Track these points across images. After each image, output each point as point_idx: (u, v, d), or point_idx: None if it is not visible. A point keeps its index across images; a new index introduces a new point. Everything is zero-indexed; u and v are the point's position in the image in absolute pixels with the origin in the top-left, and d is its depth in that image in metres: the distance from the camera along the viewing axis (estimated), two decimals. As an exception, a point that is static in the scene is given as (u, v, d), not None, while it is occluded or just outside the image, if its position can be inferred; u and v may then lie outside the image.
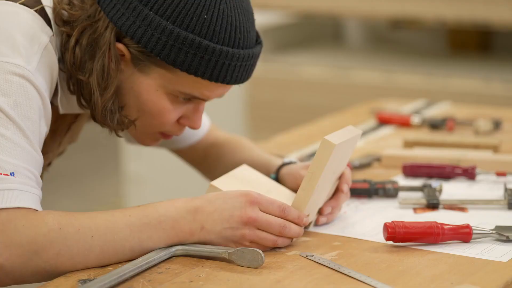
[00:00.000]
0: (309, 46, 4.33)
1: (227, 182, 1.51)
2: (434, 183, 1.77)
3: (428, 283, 1.32)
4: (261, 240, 1.42)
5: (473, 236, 1.47)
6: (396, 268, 1.38)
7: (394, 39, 4.42)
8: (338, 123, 2.31)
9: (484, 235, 1.48)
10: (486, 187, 1.80)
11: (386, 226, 1.46)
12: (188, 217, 1.39)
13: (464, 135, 2.24)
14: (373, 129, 2.31)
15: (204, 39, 1.43)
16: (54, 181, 4.16)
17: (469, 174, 1.84)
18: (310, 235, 1.52)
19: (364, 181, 1.73)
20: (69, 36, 1.46)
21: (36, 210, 1.34)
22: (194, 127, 1.55)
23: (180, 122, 1.55)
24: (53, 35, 1.45)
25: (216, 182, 1.50)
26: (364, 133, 2.23)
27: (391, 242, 1.46)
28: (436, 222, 1.47)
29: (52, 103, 1.48)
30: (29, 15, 1.43)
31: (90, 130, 1.77)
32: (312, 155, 2.01)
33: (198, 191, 1.59)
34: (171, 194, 2.50)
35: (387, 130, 2.31)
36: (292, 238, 1.46)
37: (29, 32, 1.41)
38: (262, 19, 3.59)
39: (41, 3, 1.46)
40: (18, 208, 1.32)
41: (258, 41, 1.53)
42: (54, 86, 1.47)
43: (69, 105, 1.53)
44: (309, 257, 1.41)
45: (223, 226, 1.40)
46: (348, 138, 1.49)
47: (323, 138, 1.43)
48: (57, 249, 1.32)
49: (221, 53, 1.44)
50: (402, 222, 1.46)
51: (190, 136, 1.81)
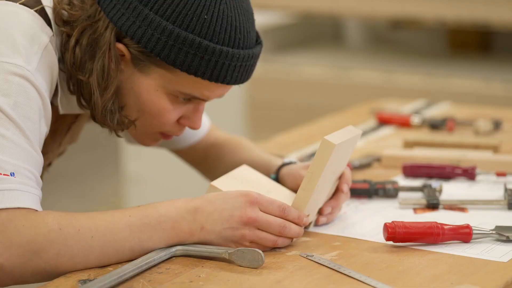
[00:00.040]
0: (309, 46, 4.32)
1: (227, 182, 1.51)
2: (434, 183, 1.77)
3: (428, 283, 1.32)
4: (261, 240, 1.42)
5: (473, 236, 1.47)
6: (396, 268, 1.38)
7: (394, 39, 4.42)
8: (338, 123, 2.31)
9: (484, 235, 1.48)
10: (486, 187, 1.80)
11: (386, 226, 1.46)
12: (188, 217, 1.39)
13: (464, 135, 2.24)
14: (373, 129, 2.31)
15: (204, 39, 1.43)
16: (54, 181, 4.16)
17: (469, 174, 1.84)
18: (310, 235, 1.52)
19: (364, 181, 1.73)
20: (69, 36, 1.46)
21: (36, 211, 1.34)
22: (194, 127, 1.55)
23: (180, 122, 1.54)
24: (53, 35, 1.45)
25: (216, 182, 1.50)
26: (364, 133, 2.22)
27: (391, 242, 1.46)
28: (436, 222, 1.47)
29: (52, 103, 1.48)
30: (29, 15, 1.43)
31: (90, 130, 1.77)
32: (312, 155, 2.01)
33: (198, 191, 1.59)
34: (171, 194, 2.50)
35: (387, 130, 2.31)
36: (292, 238, 1.46)
37: (29, 32, 1.41)
38: (262, 19, 3.59)
39: (41, 3, 1.46)
40: (18, 208, 1.32)
41: (258, 41, 1.53)
42: (54, 86, 1.47)
43: (69, 105, 1.53)
44: (309, 257, 1.41)
45: (223, 226, 1.40)
46: (348, 138, 1.48)
47: (323, 138, 1.43)
48: (57, 250, 1.32)
49: (221, 53, 1.44)
50: (402, 222, 1.46)
51: (190, 136, 1.81)
